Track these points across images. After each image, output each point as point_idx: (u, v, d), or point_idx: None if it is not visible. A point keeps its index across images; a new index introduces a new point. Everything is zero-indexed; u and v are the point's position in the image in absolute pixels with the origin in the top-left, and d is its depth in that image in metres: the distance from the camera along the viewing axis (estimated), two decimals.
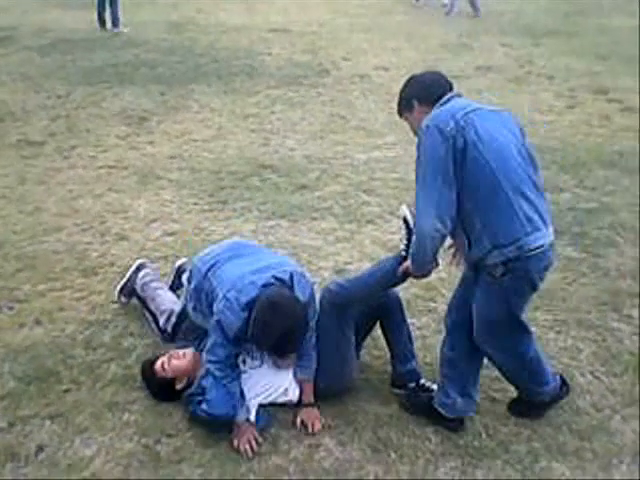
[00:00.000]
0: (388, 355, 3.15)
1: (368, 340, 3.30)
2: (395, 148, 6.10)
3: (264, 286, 2.74)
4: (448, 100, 2.63)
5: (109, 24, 11.73)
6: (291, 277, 2.81)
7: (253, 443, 2.71)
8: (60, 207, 4.99)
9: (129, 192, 5.27)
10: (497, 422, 2.89)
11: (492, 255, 2.50)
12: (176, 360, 3.00)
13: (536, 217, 2.51)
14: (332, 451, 2.73)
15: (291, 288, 2.78)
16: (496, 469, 2.64)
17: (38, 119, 6.99)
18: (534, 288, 2.65)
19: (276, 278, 2.79)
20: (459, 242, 2.72)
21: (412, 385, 2.99)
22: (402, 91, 2.80)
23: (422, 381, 3.02)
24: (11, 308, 3.73)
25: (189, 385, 2.96)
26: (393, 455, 2.70)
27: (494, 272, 2.54)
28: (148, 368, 3.05)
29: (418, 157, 2.56)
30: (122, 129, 6.68)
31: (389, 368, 3.13)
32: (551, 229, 2.60)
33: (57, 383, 3.14)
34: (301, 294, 2.78)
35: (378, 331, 3.22)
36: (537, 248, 2.50)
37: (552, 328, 3.52)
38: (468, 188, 2.48)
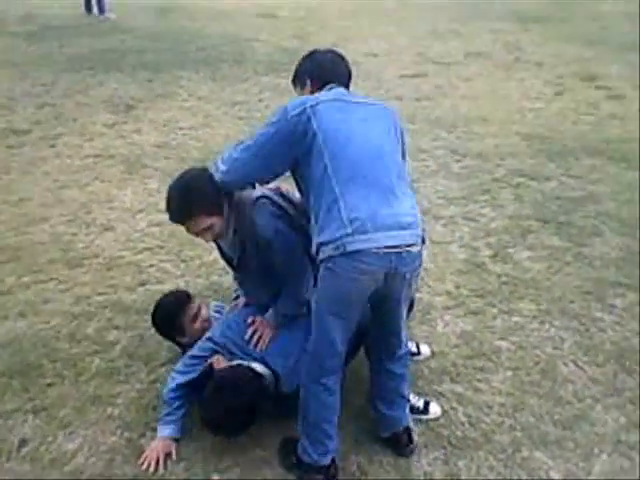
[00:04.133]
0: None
1: None
2: None
3: None
4: (330, 89, 2.53)
5: (96, 10, 11.62)
6: None
7: (161, 462, 2.63)
8: (45, 197, 4.96)
9: (115, 182, 5.24)
10: (480, 412, 2.90)
11: (319, 252, 2.33)
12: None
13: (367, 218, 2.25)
14: None
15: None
16: (479, 459, 2.65)
17: (23, 107, 6.93)
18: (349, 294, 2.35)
19: None
20: None
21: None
22: (300, 64, 2.71)
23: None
24: None
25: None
26: (376, 446, 2.71)
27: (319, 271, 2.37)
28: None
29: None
30: (109, 117, 6.64)
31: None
32: (398, 232, 2.28)
33: (40, 377, 3.13)
34: None
35: None
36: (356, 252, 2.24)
37: (536, 317, 3.53)
38: (307, 181, 2.39)
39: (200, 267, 4.03)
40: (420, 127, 6.33)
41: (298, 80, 2.71)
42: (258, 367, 2.73)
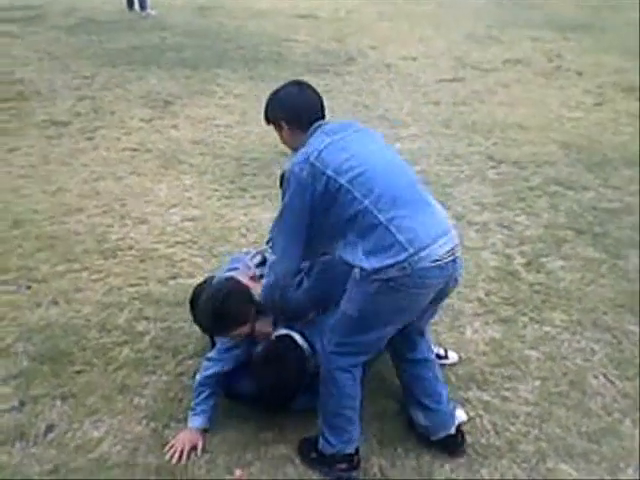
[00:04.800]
0: None
1: None
2: (418, 140, 6.04)
3: None
4: (314, 130, 2.50)
5: (137, 6, 11.78)
6: None
7: (184, 455, 2.65)
8: (82, 188, 5.03)
9: (151, 176, 5.30)
10: (506, 420, 2.87)
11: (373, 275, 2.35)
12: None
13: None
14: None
15: None
16: (502, 468, 2.62)
17: (63, 99, 7.05)
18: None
19: None
20: None
21: None
22: (269, 104, 2.63)
23: None
24: (29, 287, 3.78)
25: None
26: (399, 449, 2.70)
27: None
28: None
29: (283, 198, 2.47)
30: (146, 112, 6.72)
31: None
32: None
33: (70, 364, 3.18)
34: None
35: None
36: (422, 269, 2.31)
37: (567, 329, 3.48)
38: (337, 222, 2.39)
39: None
40: (456, 132, 6.28)
41: (271, 122, 2.64)
42: (299, 339, 2.76)
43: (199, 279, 3.86)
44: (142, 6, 11.70)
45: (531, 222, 4.59)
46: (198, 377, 2.82)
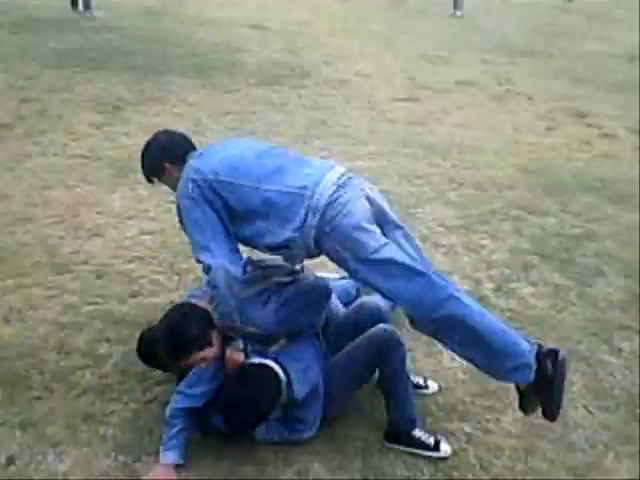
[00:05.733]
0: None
1: None
2: (379, 159, 6.00)
3: None
4: (189, 159, 2.70)
5: (81, 6, 11.40)
6: None
7: None
8: (30, 196, 4.74)
9: (103, 185, 5.04)
10: (491, 455, 2.79)
11: None
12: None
13: None
14: (322, 479, 2.60)
15: None
16: None
17: (6, 99, 6.68)
18: None
19: None
20: None
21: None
22: (146, 161, 2.86)
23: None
24: None
25: None
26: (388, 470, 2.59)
27: None
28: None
29: (183, 223, 2.64)
30: (95, 117, 6.45)
31: (378, 392, 3.00)
32: None
33: (28, 389, 2.93)
34: None
35: None
36: None
37: None
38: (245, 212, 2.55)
39: (195, 281, 3.85)
40: (414, 152, 6.27)
41: (156, 174, 2.83)
42: (274, 366, 2.65)
43: (161, 298, 3.70)
44: (86, 6, 11.33)
45: (497, 246, 4.58)
46: (168, 409, 2.64)
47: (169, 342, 2.60)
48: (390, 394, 2.79)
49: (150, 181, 2.90)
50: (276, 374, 2.62)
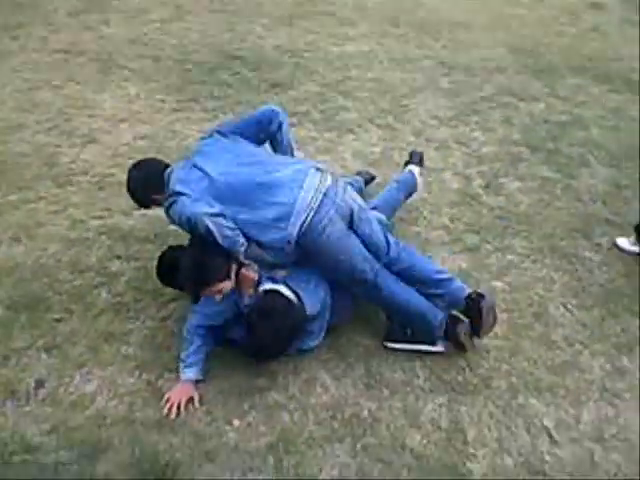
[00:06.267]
0: None
1: None
2: (369, 42, 5.89)
3: None
4: (169, 178, 2.84)
5: None
6: None
7: (182, 408, 2.72)
8: (18, 100, 4.71)
9: (91, 84, 4.99)
10: (478, 357, 3.06)
11: None
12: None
13: None
14: (328, 387, 2.87)
15: None
16: (479, 405, 2.84)
17: None
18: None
19: None
20: None
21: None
22: (133, 198, 3.03)
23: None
24: None
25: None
26: (385, 391, 2.87)
27: None
28: None
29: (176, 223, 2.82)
30: (72, 4, 6.18)
31: None
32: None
33: (48, 311, 3.12)
34: None
35: None
36: None
37: (528, 257, 3.65)
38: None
39: None
40: (405, 32, 6.15)
41: (148, 206, 3.04)
42: (284, 290, 2.83)
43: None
44: None
45: (487, 138, 4.66)
46: (187, 326, 2.85)
47: (192, 272, 2.73)
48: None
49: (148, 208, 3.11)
50: (287, 298, 2.81)
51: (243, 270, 2.85)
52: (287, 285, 2.86)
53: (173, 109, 4.75)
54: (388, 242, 3.03)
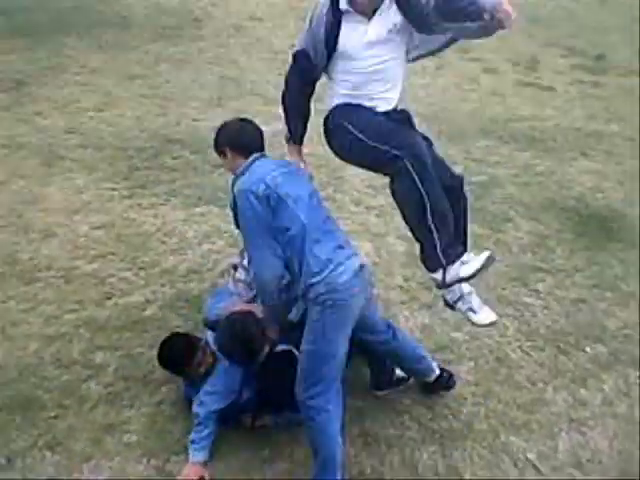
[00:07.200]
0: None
1: None
2: None
3: None
4: (253, 161, 2.91)
5: None
6: None
7: None
8: None
9: (36, 177, 5.06)
10: (457, 403, 3.36)
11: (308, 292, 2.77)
12: None
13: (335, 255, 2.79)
14: None
15: None
16: (468, 448, 3.12)
17: None
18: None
19: None
20: None
21: None
22: (217, 136, 3.04)
23: None
24: None
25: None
26: (383, 447, 3.10)
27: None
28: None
29: (241, 219, 2.84)
30: (0, 98, 6.23)
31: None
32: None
33: (42, 410, 3.15)
34: None
35: None
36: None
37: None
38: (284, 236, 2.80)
39: (162, 275, 4.11)
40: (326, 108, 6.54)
41: (219, 151, 3.04)
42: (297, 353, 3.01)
43: (136, 297, 3.92)
44: None
45: None
46: (200, 410, 2.97)
47: (243, 351, 2.91)
48: None
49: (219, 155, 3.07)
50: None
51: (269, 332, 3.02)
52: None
53: (124, 196, 4.88)
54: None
